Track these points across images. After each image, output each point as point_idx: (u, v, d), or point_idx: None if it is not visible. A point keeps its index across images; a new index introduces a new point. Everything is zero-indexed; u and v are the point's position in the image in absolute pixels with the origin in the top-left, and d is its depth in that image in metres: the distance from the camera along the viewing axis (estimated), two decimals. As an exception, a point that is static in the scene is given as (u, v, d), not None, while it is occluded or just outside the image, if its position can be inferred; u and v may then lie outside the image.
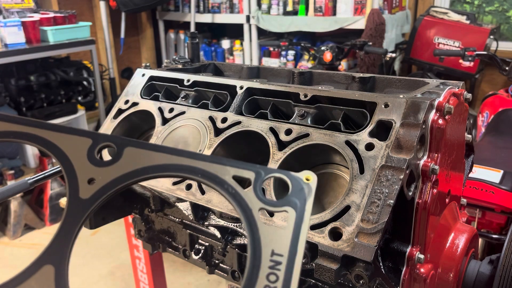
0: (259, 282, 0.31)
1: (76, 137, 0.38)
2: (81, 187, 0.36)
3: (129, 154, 0.37)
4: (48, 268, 0.33)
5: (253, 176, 0.35)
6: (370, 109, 0.76)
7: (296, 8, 3.39)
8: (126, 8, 3.53)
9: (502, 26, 3.53)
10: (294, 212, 0.33)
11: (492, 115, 2.14)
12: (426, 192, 0.72)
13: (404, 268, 0.71)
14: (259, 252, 0.32)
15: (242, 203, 0.34)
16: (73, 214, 0.35)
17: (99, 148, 0.37)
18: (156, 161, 0.36)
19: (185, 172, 0.35)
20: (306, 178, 0.34)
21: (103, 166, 0.36)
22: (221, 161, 0.35)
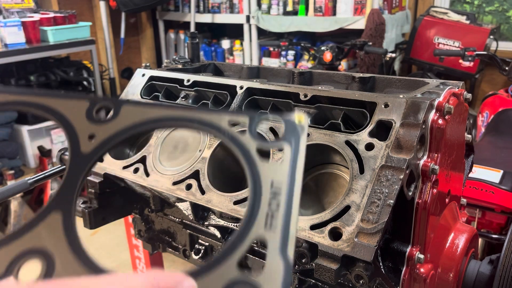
0: (261, 210, 0.33)
1: (73, 101, 0.39)
2: (82, 143, 0.37)
3: (127, 111, 0.38)
4: (55, 215, 0.35)
5: (247, 120, 0.37)
6: (370, 109, 0.76)
7: (296, 8, 3.39)
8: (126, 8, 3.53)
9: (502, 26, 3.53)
10: (290, 147, 0.36)
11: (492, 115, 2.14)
12: (426, 192, 0.72)
13: (404, 268, 0.71)
14: (259, 183, 0.35)
15: (240, 145, 0.36)
16: (77, 167, 0.37)
17: (96, 109, 0.39)
18: (153, 115, 0.38)
19: (182, 121, 0.37)
20: (298, 120, 0.36)
21: (102, 124, 0.38)
22: (216, 111, 0.37)
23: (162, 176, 0.84)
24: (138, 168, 0.88)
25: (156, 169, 0.86)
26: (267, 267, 0.32)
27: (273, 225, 0.33)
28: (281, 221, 0.33)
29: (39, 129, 3.07)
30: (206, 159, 0.82)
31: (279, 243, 0.32)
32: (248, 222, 0.33)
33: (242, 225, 0.34)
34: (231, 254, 0.32)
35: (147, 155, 0.89)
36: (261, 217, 0.33)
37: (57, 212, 0.35)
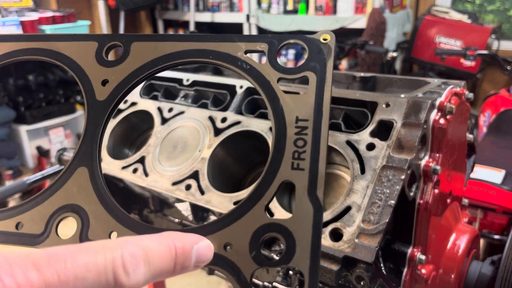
0: (287, 150, 0.31)
1: (82, 43, 0.37)
2: (96, 90, 0.36)
3: (137, 49, 0.36)
4: (82, 170, 0.34)
5: (266, 47, 0.33)
6: (371, 108, 0.75)
7: (296, 7, 3.38)
8: (125, 7, 3.52)
9: (503, 25, 3.52)
10: (315, 76, 0.32)
11: (493, 115, 2.13)
12: (427, 193, 0.71)
13: (405, 269, 0.70)
14: (283, 120, 0.31)
15: (259, 76, 0.33)
16: (94, 117, 0.35)
17: (106, 49, 0.37)
18: (164, 51, 0.35)
19: (195, 56, 0.34)
20: (323, 38, 0.32)
21: (114, 66, 0.36)
22: (231, 38, 0.34)
23: (161, 176, 0.84)
24: (137, 168, 0.87)
25: (155, 169, 0.86)
26: (296, 210, 0.30)
27: (301, 166, 0.30)
28: (309, 161, 0.30)
29: (38, 129, 3.06)
30: (205, 159, 0.81)
31: (308, 184, 0.30)
32: (273, 164, 0.31)
33: (268, 167, 0.31)
34: (259, 199, 0.31)
35: (146, 155, 0.88)
36: (287, 158, 0.31)
37: (83, 167, 0.34)
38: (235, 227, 0.30)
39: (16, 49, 0.38)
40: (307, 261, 0.28)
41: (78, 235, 0.33)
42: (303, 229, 0.29)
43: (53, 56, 0.37)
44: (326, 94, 0.32)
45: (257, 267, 0.29)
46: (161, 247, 0.28)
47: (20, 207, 0.34)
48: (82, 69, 0.37)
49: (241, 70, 0.34)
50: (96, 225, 0.33)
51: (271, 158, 0.31)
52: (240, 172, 0.89)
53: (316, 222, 0.29)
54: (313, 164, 0.30)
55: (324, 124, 0.31)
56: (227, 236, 0.30)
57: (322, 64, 0.32)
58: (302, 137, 0.31)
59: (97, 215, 0.33)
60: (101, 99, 0.36)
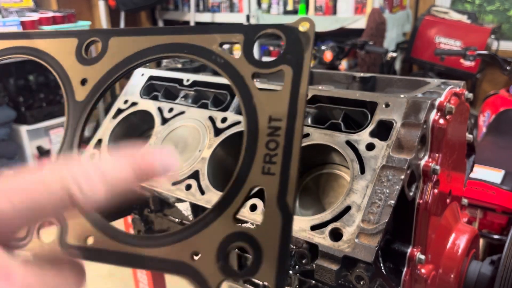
0: (258, 152, 0.29)
1: (63, 39, 0.37)
2: (76, 90, 0.36)
3: (115, 44, 0.36)
4: None
5: (242, 38, 0.31)
6: (371, 109, 0.75)
7: (296, 7, 3.39)
8: (126, 7, 3.52)
9: (503, 25, 3.52)
10: (291, 69, 0.30)
11: (493, 115, 2.14)
12: (427, 193, 0.71)
13: (405, 268, 0.70)
14: (255, 120, 0.30)
15: (232, 71, 0.31)
16: (74, 118, 0.36)
17: (85, 46, 0.37)
18: (141, 46, 0.35)
19: (171, 51, 0.34)
20: (302, 26, 0.29)
21: (92, 64, 0.36)
22: (206, 30, 0.33)
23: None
24: (137, 168, 0.88)
25: (155, 169, 0.86)
26: (265, 219, 0.28)
27: (271, 170, 0.28)
28: (280, 165, 0.28)
29: (38, 129, 3.06)
30: (205, 159, 0.82)
31: (277, 191, 0.28)
32: (243, 169, 0.29)
33: (237, 171, 0.29)
34: (227, 208, 0.29)
35: (146, 155, 0.88)
36: (258, 161, 0.29)
37: None
38: (202, 236, 0.28)
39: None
40: (273, 274, 0.26)
41: (58, 240, 0.32)
42: (271, 239, 0.27)
43: (35, 54, 0.37)
44: (301, 90, 0.29)
45: (223, 278, 0.27)
46: (115, 159, 0.28)
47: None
48: (62, 68, 0.37)
49: (215, 65, 0.32)
50: (73, 230, 0.32)
51: (241, 162, 0.29)
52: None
53: (284, 231, 0.27)
54: (284, 169, 0.28)
55: (298, 124, 0.29)
56: (194, 244, 0.28)
57: (299, 56, 0.29)
58: (275, 138, 0.29)
59: (74, 220, 0.32)
60: (80, 100, 0.36)
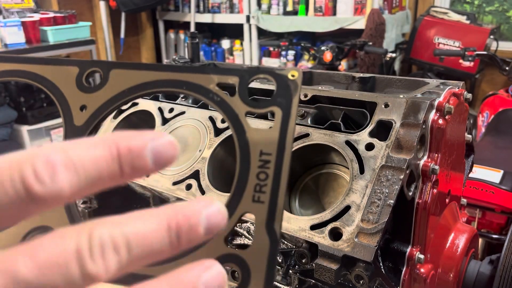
0: (250, 183, 0.32)
1: (63, 67, 0.39)
2: (75, 115, 0.37)
3: (115, 76, 0.38)
4: None
5: (237, 80, 0.35)
6: (370, 109, 0.76)
7: (296, 8, 3.39)
8: (126, 8, 3.53)
9: (502, 26, 3.53)
10: (280, 111, 0.33)
11: (492, 115, 2.14)
12: (426, 192, 0.71)
13: (404, 268, 0.71)
14: (248, 154, 0.33)
15: (228, 109, 0.34)
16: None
17: (86, 75, 0.39)
18: (141, 79, 0.37)
19: (170, 86, 0.36)
20: (291, 75, 0.33)
21: (92, 92, 0.38)
22: (204, 70, 0.36)
23: (162, 176, 0.84)
24: (138, 168, 0.88)
25: (156, 169, 0.86)
26: (254, 242, 0.30)
27: (261, 199, 0.31)
28: (269, 194, 0.31)
29: (39, 129, 3.07)
30: (206, 159, 0.82)
31: (266, 217, 0.31)
32: (235, 195, 0.32)
33: (230, 198, 0.32)
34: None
35: (147, 155, 0.89)
36: (249, 190, 0.32)
37: None
38: (194, 257, 0.30)
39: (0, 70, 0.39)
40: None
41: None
42: (259, 261, 0.30)
43: (35, 78, 0.39)
44: (289, 130, 0.33)
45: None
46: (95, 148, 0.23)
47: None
48: (62, 94, 0.38)
49: (212, 102, 0.35)
50: None
51: (234, 189, 0.32)
52: (240, 172, 0.89)
53: (271, 254, 0.30)
54: (272, 198, 0.31)
55: (285, 159, 0.32)
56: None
57: (288, 100, 0.33)
58: (265, 170, 0.32)
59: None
60: (79, 124, 0.37)
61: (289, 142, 0.32)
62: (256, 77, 0.35)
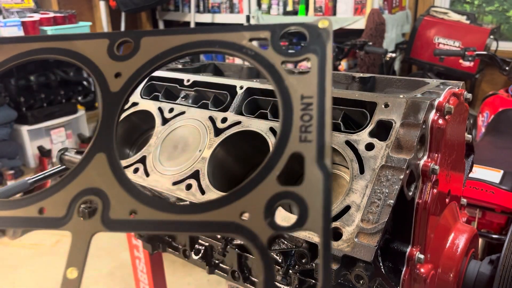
0: (294, 124, 0.34)
1: (93, 40, 0.40)
2: (110, 82, 0.38)
3: (147, 43, 0.39)
4: (100, 156, 0.37)
5: (269, 34, 0.36)
6: (370, 109, 0.76)
7: (296, 8, 3.39)
8: (126, 8, 3.53)
9: (502, 26, 3.53)
10: (316, 57, 0.35)
11: (492, 115, 2.14)
12: (426, 192, 0.71)
13: (404, 268, 0.71)
14: (289, 98, 0.34)
15: (264, 61, 0.36)
16: (109, 107, 0.38)
17: (117, 45, 0.40)
18: (173, 43, 0.38)
19: (203, 46, 0.38)
20: (321, 24, 0.35)
21: (125, 60, 0.39)
22: (236, 28, 0.37)
23: (162, 176, 0.84)
24: (138, 168, 0.88)
25: (156, 169, 0.86)
26: (307, 178, 0.32)
27: (308, 138, 0.33)
28: (316, 133, 0.33)
29: (39, 129, 3.07)
30: (206, 159, 0.82)
31: (316, 154, 0.33)
32: (283, 138, 0.34)
33: (277, 141, 0.34)
34: (271, 171, 0.33)
35: (147, 155, 0.89)
36: (295, 131, 0.33)
37: (101, 153, 0.37)
38: (250, 197, 0.33)
39: (33, 48, 0.40)
40: (319, 224, 0.30)
41: (100, 216, 0.35)
42: (314, 195, 0.31)
43: (67, 54, 0.40)
44: (327, 73, 0.34)
45: (273, 232, 0.31)
46: None
47: (42, 194, 0.36)
48: (94, 64, 0.39)
49: (247, 56, 0.36)
50: (117, 205, 0.35)
51: (280, 133, 0.34)
52: (240, 172, 0.89)
53: (326, 187, 0.32)
54: (319, 136, 0.33)
55: (327, 100, 0.34)
56: (243, 205, 0.32)
57: (322, 46, 0.35)
58: (308, 112, 0.34)
59: (117, 196, 0.35)
60: (115, 90, 0.38)
61: (329, 84, 0.34)
62: (287, 29, 0.36)
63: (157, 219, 0.34)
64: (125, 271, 2.40)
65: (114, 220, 0.35)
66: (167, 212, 0.34)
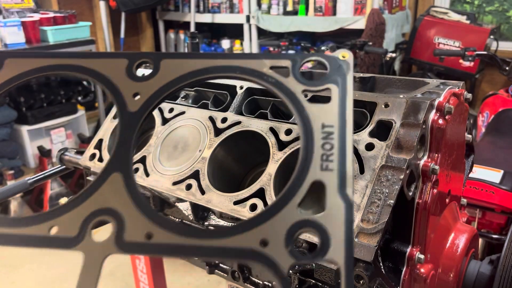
0: (315, 153, 0.34)
1: (112, 59, 0.40)
2: (128, 102, 0.39)
3: (166, 65, 0.39)
4: (116, 176, 0.36)
5: (289, 63, 0.37)
6: (370, 109, 0.76)
7: (296, 8, 3.39)
8: (126, 8, 3.53)
9: (502, 26, 3.53)
10: (337, 87, 0.36)
11: (492, 115, 2.14)
12: (426, 192, 0.71)
13: (404, 268, 0.71)
14: (310, 127, 0.35)
15: (285, 89, 0.37)
16: (127, 127, 0.38)
17: (136, 66, 0.40)
18: (193, 67, 0.38)
19: (223, 72, 0.38)
20: (342, 56, 0.37)
21: (144, 81, 0.39)
22: (256, 56, 0.38)
23: (162, 176, 0.84)
24: (138, 168, 0.88)
25: (156, 169, 0.86)
26: (328, 207, 0.32)
27: (329, 167, 0.33)
28: (337, 162, 0.33)
29: (39, 129, 3.07)
30: (206, 159, 0.82)
31: (337, 183, 0.33)
32: (304, 166, 0.34)
33: (298, 169, 0.34)
34: (292, 198, 0.33)
35: (147, 155, 0.89)
36: (316, 160, 0.34)
37: (117, 173, 0.36)
38: (271, 225, 0.32)
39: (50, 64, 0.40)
40: (342, 253, 0.30)
41: (114, 237, 0.34)
42: (336, 224, 0.32)
43: (85, 72, 0.40)
44: (348, 103, 0.36)
45: (294, 262, 0.31)
46: None
47: (53, 212, 0.35)
48: (113, 83, 0.39)
49: (268, 83, 0.37)
50: (132, 227, 0.34)
51: (301, 160, 0.34)
52: (240, 172, 0.89)
53: (348, 217, 0.32)
54: (341, 165, 0.33)
55: (348, 130, 0.35)
56: (263, 233, 0.32)
57: (343, 77, 0.36)
58: (329, 141, 0.34)
59: (132, 218, 0.34)
60: (133, 110, 0.38)
61: (350, 114, 0.35)
62: (307, 59, 0.37)
63: (174, 243, 0.33)
64: (125, 271, 2.40)
65: (129, 242, 0.34)
66: (184, 237, 0.33)
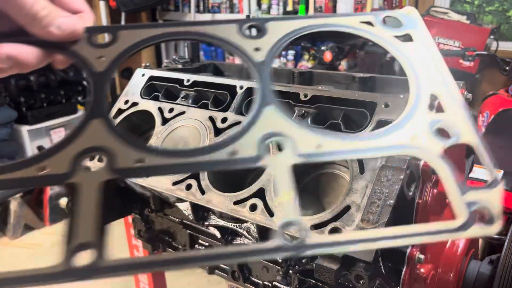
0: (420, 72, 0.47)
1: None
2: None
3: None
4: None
5: (373, 18, 0.49)
6: (370, 109, 0.76)
7: (296, 8, 3.39)
8: (126, 8, 3.53)
9: (502, 26, 3.53)
10: (416, 31, 0.46)
11: (492, 115, 2.14)
12: (426, 192, 0.72)
13: (404, 268, 0.71)
14: (408, 55, 0.47)
15: (375, 37, 0.48)
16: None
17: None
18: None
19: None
20: (407, 12, 0.47)
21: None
22: (348, 14, 0.48)
23: (162, 176, 0.84)
24: (138, 168, 0.88)
25: (156, 169, 0.86)
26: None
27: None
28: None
29: (39, 129, 3.07)
30: (206, 159, 0.82)
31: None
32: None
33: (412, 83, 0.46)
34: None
35: (147, 155, 0.89)
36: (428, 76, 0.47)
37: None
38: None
39: (164, 32, 0.45)
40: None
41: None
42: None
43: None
44: (428, 37, 0.46)
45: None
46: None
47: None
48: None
49: (364, 32, 0.48)
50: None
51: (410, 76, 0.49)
52: (240, 172, 0.89)
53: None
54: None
55: (434, 50, 0.49)
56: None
57: (415, 24, 0.46)
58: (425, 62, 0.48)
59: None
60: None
61: (433, 43, 0.49)
62: (387, 15, 0.48)
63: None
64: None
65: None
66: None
